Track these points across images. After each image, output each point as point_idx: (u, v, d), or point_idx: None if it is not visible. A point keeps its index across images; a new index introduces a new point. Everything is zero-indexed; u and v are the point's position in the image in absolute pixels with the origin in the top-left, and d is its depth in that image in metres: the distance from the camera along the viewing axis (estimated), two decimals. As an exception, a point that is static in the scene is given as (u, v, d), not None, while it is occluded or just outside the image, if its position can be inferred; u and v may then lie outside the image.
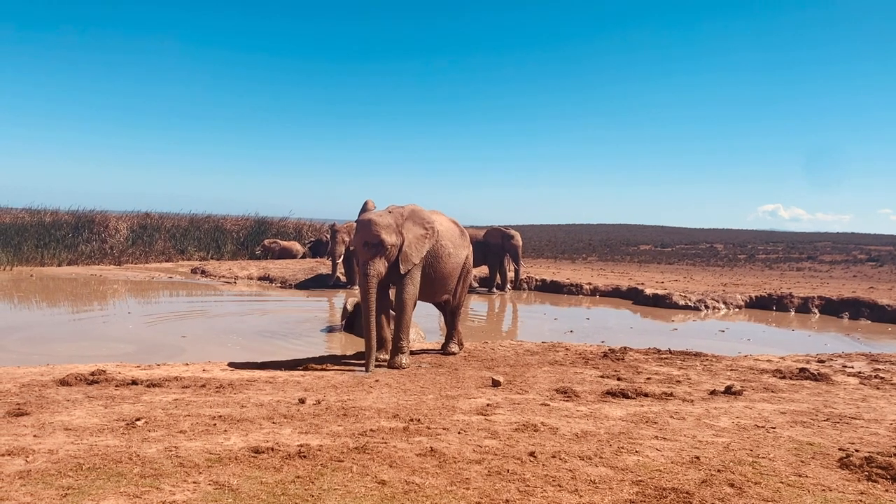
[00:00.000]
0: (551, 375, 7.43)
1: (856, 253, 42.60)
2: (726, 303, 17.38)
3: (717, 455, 4.69)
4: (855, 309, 16.72)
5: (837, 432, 5.51)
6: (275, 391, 6.33)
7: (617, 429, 5.30)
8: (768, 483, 4.16)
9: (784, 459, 4.67)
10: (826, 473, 4.42)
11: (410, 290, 7.80)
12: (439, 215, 8.58)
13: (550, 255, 42.70)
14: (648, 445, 4.88)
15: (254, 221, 28.91)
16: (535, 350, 9.12)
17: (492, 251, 19.00)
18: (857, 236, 53.52)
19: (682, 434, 5.23)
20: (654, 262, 40.37)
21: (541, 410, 5.80)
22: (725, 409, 6.17)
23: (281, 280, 18.72)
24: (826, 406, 6.48)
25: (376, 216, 7.73)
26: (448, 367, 7.79)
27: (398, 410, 5.61)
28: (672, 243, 50.75)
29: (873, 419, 6.04)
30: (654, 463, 4.47)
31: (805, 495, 3.99)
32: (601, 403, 6.17)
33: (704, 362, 8.70)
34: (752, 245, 47.66)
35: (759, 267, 38.67)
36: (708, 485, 4.08)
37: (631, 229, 63.78)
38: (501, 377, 6.93)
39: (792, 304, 17.50)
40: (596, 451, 4.69)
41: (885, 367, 8.87)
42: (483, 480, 4.03)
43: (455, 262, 8.33)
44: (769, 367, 8.42)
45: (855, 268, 39.32)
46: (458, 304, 8.73)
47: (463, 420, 5.39)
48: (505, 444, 4.79)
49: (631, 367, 8.18)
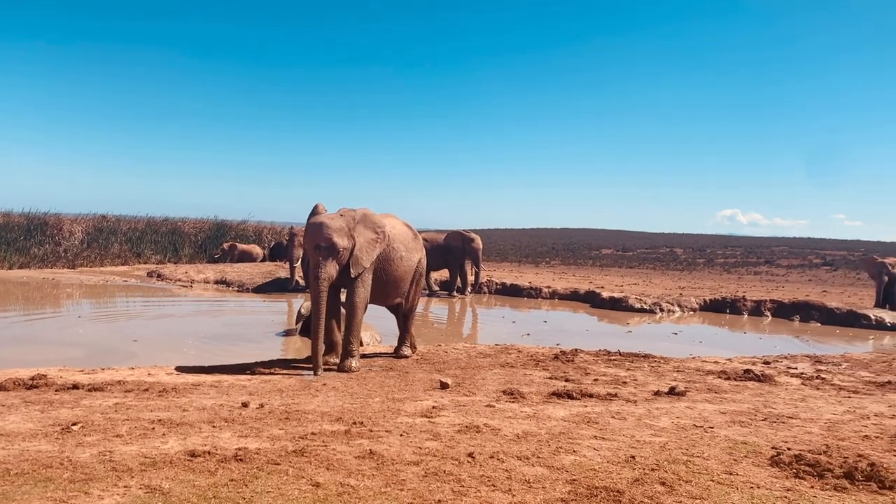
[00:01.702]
0: (501, 377, 7.48)
1: (811, 257, 43.71)
2: (681, 306, 17.67)
3: (652, 454, 4.78)
4: (806, 312, 17.12)
5: (773, 431, 5.65)
6: (219, 395, 6.27)
7: (558, 429, 5.36)
8: (699, 481, 4.25)
9: (718, 458, 4.78)
10: (756, 471, 4.53)
11: (361, 293, 7.79)
12: (392, 218, 8.58)
13: (514, 258, 43.04)
14: (587, 445, 4.95)
15: (213, 224, 28.55)
16: (488, 352, 9.17)
17: (452, 254, 19.06)
18: (813, 241, 54.87)
19: (621, 434, 5.31)
20: (615, 265, 40.89)
21: (485, 412, 5.84)
22: (667, 409, 6.28)
23: (238, 284, 18.53)
24: (766, 406, 6.64)
25: (328, 219, 7.71)
26: (399, 370, 7.80)
27: (342, 414, 5.60)
28: (633, 247, 51.48)
29: (809, 418, 6.20)
30: (591, 462, 4.54)
31: (733, 493, 4.08)
32: (546, 404, 6.24)
33: (652, 364, 8.83)
34: (710, 249, 48.53)
35: (717, 271, 39.44)
36: (640, 483, 4.15)
37: (593, 234, 64.54)
38: (450, 379, 6.96)
39: (745, 307, 17.86)
40: (534, 451, 4.74)
41: (828, 368, 9.11)
42: (419, 481, 4.05)
43: (407, 266, 8.33)
44: (715, 368, 8.59)
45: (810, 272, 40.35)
46: (410, 308, 8.74)
47: (407, 422, 5.40)
48: (446, 445, 4.81)
49: (580, 368, 8.28)
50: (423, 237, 19.31)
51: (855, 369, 9.14)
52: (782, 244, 51.78)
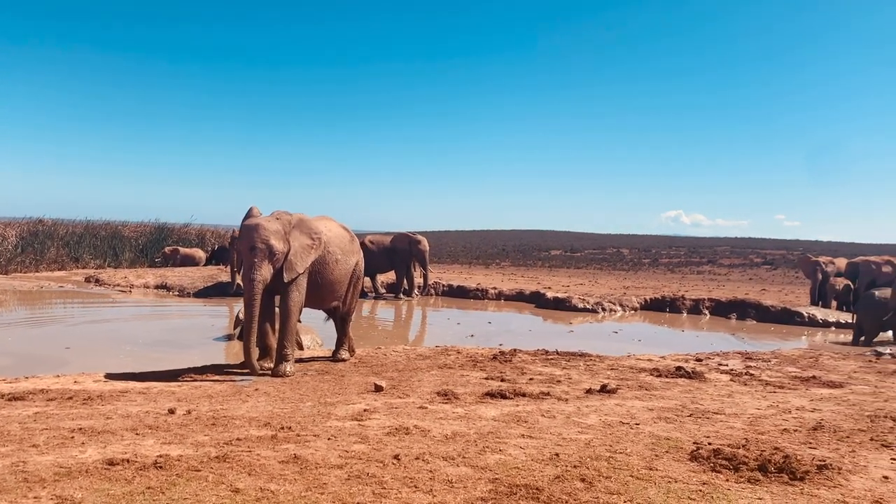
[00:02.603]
0: (437, 379, 7.50)
1: (752, 257, 44.96)
2: (622, 305, 17.99)
3: (577, 451, 4.85)
4: (742, 310, 17.61)
5: (697, 427, 5.80)
6: (146, 402, 6.13)
7: (487, 429, 5.40)
8: (618, 477, 4.34)
9: (640, 454, 4.88)
10: (676, 466, 4.64)
11: (296, 297, 7.72)
12: (328, 221, 8.53)
13: (465, 260, 43.14)
14: (514, 444, 5.00)
15: (154, 228, 27.92)
16: (428, 354, 9.18)
17: (399, 257, 19.03)
18: (754, 241, 56.45)
19: (548, 432, 5.38)
20: (564, 266, 41.36)
21: (417, 413, 5.85)
22: (597, 406, 6.39)
23: (179, 288, 18.16)
24: (693, 402, 6.80)
25: (265, 221, 7.62)
26: (335, 373, 7.75)
27: (271, 419, 5.54)
28: (581, 248, 52.16)
29: (734, 414, 6.38)
30: (515, 461, 4.59)
31: (650, 487, 4.18)
32: (478, 405, 6.28)
33: (588, 362, 8.97)
34: (656, 250, 49.50)
35: (661, 271, 40.24)
36: (560, 480, 4.21)
37: (543, 235, 65.19)
38: (384, 382, 6.95)
39: (684, 305, 18.28)
40: (461, 451, 4.76)
41: (757, 365, 9.39)
42: (340, 485, 4.04)
43: (344, 269, 8.29)
44: (648, 366, 8.77)
45: (751, 271, 41.53)
46: (348, 311, 8.70)
47: (336, 426, 5.37)
48: (373, 448, 4.80)
49: (517, 368, 8.35)
50: (369, 239, 19.29)
51: (783, 365, 9.44)
52: (724, 244, 53.13)
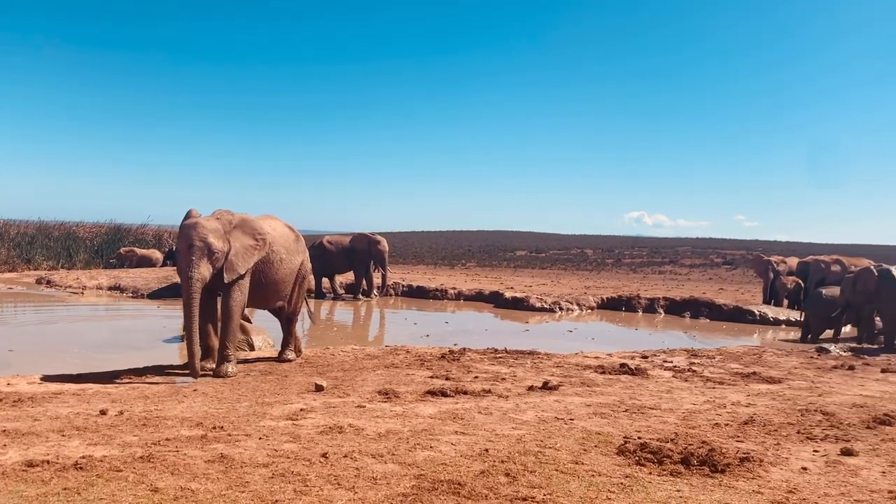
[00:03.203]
0: (382, 378, 7.50)
1: (713, 257, 45.72)
2: (579, 304, 18.17)
3: (507, 447, 4.90)
4: (695, 308, 17.90)
5: (630, 422, 5.88)
6: (79, 403, 6.03)
7: (422, 426, 5.42)
8: (543, 471, 4.39)
9: (569, 448, 4.94)
10: (602, 460, 4.70)
11: (238, 297, 7.65)
12: (273, 220, 8.48)
13: (431, 261, 43.17)
14: (446, 441, 5.02)
15: (110, 228, 27.43)
16: (376, 354, 9.17)
17: (358, 257, 18.96)
18: (715, 241, 57.31)
19: (483, 428, 5.42)
20: (528, 266, 41.63)
21: (354, 413, 5.84)
22: (536, 403, 6.45)
23: (133, 289, 17.88)
24: (631, 398, 6.90)
25: (203, 220, 7.55)
26: (278, 374, 7.70)
27: (204, 419, 5.49)
28: (546, 249, 52.51)
29: (669, 409, 6.49)
30: (444, 457, 4.61)
31: (573, 481, 4.23)
32: (417, 403, 6.29)
33: (535, 360, 9.05)
34: (619, 250, 50.04)
35: (624, 271, 40.72)
36: (485, 475, 4.25)
37: (509, 236, 65.48)
38: (326, 382, 6.93)
39: (640, 304, 18.52)
40: (392, 449, 4.77)
41: (700, 361, 9.55)
42: (263, 483, 4.02)
43: (288, 268, 8.25)
44: (594, 363, 8.87)
45: (711, 271, 42.20)
46: (293, 311, 8.65)
47: (269, 426, 5.35)
48: (303, 447, 4.79)
49: (464, 366, 8.39)
50: (328, 240, 19.21)
51: (726, 362, 9.62)
52: (686, 244, 53.91)
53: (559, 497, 3.91)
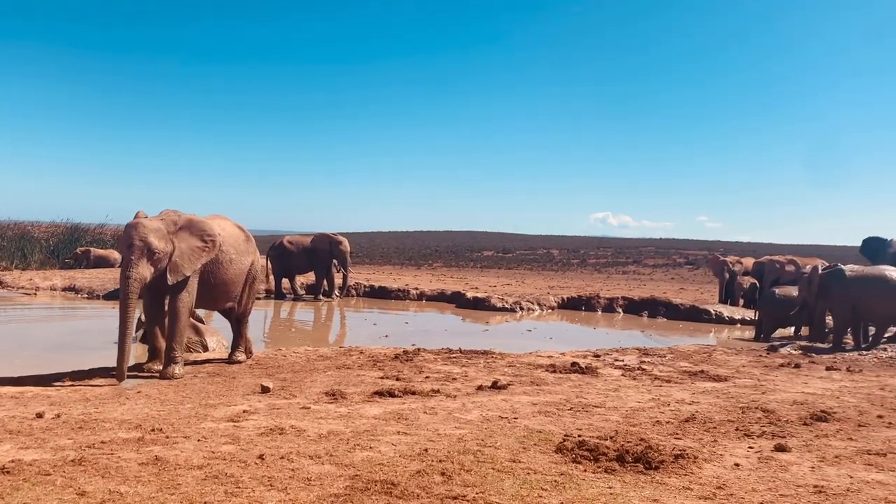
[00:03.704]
0: (331, 379, 7.47)
1: (675, 257, 46.34)
2: (540, 304, 18.29)
3: (447, 446, 4.92)
4: (653, 308, 18.14)
5: (573, 420, 5.95)
6: (15, 406, 5.91)
7: (364, 427, 5.42)
8: (480, 470, 4.41)
9: (508, 447, 4.98)
10: (540, 458, 4.75)
11: (185, 298, 7.56)
12: (223, 220, 8.40)
13: (398, 261, 43.08)
14: (387, 441, 5.03)
15: (66, 228, 26.88)
16: (329, 355, 9.13)
17: (319, 257, 18.85)
18: (678, 242, 58.13)
19: (425, 428, 5.43)
20: (495, 267, 41.78)
21: (298, 414, 5.81)
22: (483, 402, 6.48)
23: (88, 290, 17.56)
24: (578, 397, 6.97)
25: (145, 220, 7.44)
26: (226, 375, 7.63)
27: (144, 421, 5.43)
28: (513, 249, 52.73)
29: (614, 407, 6.57)
30: (382, 458, 4.61)
31: (508, 479, 4.27)
32: (364, 404, 6.29)
33: (488, 360, 9.09)
34: (584, 250, 50.47)
35: (589, 271, 41.09)
36: (421, 474, 4.26)
37: (476, 236, 65.66)
38: (272, 383, 6.89)
39: (599, 304, 18.71)
40: (330, 449, 4.76)
41: (651, 360, 9.68)
42: (195, 485, 3.99)
43: (238, 269, 8.17)
44: (546, 362, 8.94)
45: (674, 271, 42.78)
46: (244, 312, 8.56)
47: (210, 427, 5.30)
48: (241, 448, 4.76)
49: (416, 367, 8.40)
50: (288, 240, 19.08)
51: (676, 360, 9.76)
52: (649, 245, 54.59)
53: (491, 495, 3.95)
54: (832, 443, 5.47)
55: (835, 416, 6.37)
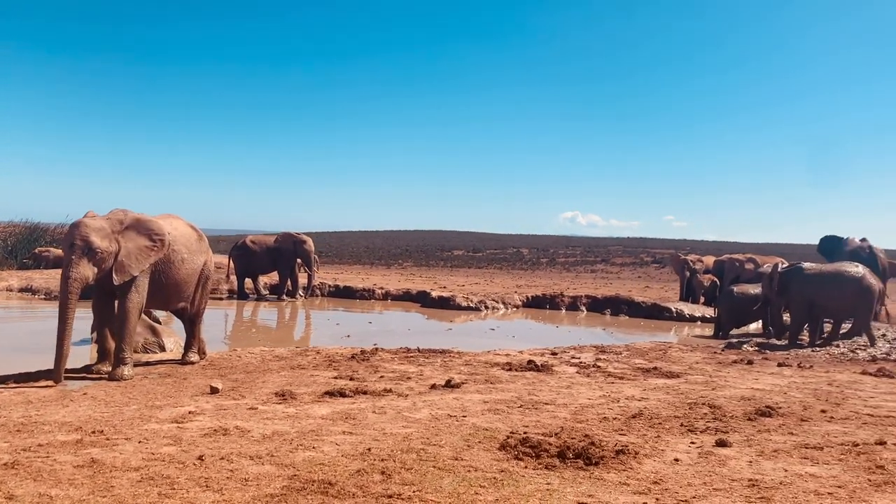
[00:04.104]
0: (284, 380, 7.43)
1: (643, 256, 46.80)
2: (505, 303, 18.37)
3: (391, 446, 4.92)
4: (616, 306, 18.31)
5: (522, 417, 5.98)
6: (-46, 410, 5.79)
7: (310, 427, 5.40)
8: (421, 468, 4.42)
9: (453, 445, 4.99)
10: (483, 455, 4.77)
11: (135, 298, 7.45)
12: (175, 219, 8.30)
13: (367, 261, 42.94)
14: (331, 441, 5.01)
15: (25, 228, 26.31)
16: (285, 356, 9.07)
17: (283, 257, 18.70)
18: (645, 241, 58.75)
19: (372, 428, 5.43)
20: (465, 266, 41.86)
21: (245, 415, 5.77)
22: (434, 401, 6.49)
23: (46, 291, 17.21)
24: (530, 394, 7.02)
25: (88, 219, 7.33)
26: (177, 376, 7.54)
27: (85, 423, 5.35)
28: (483, 248, 52.89)
29: (563, 404, 6.63)
30: (324, 457, 4.60)
31: (447, 477, 4.28)
32: (313, 404, 6.26)
33: (445, 359, 9.11)
34: (553, 249, 50.78)
35: (558, 270, 41.34)
36: (360, 474, 4.26)
37: (446, 235, 65.70)
38: (222, 384, 6.83)
39: (563, 302, 18.84)
40: (273, 450, 4.74)
41: (606, 357, 9.78)
42: (129, 487, 3.94)
43: (190, 268, 8.08)
44: (503, 360, 8.98)
45: (641, 269, 43.22)
46: (197, 312, 8.46)
47: (153, 429, 5.24)
48: (182, 449, 4.71)
49: (373, 366, 8.38)
50: (251, 239, 18.92)
51: (632, 357, 9.88)
52: (617, 244, 55.11)
53: (428, 494, 3.96)
54: (773, 437, 5.57)
55: (779, 411, 6.49)
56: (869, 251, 17.51)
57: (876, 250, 17.81)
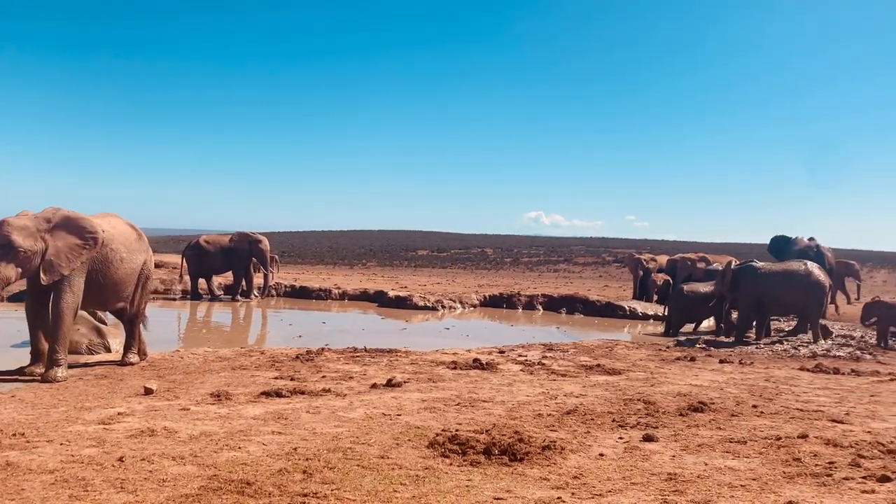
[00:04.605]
0: (223, 380, 7.36)
1: (605, 255, 47.27)
2: (462, 302, 18.42)
3: (319, 445, 4.90)
4: (571, 305, 18.49)
5: (456, 415, 6.01)
6: None
7: (240, 427, 5.36)
8: (345, 467, 4.42)
9: (382, 444, 5.00)
10: (410, 453, 4.79)
11: (68, 298, 7.31)
12: (113, 218, 8.17)
13: (331, 261, 42.66)
14: (259, 441, 4.98)
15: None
16: (228, 356, 8.99)
17: (238, 257, 18.49)
18: (607, 240, 59.29)
19: (303, 428, 5.41)
20: (429, 266, 41.84)
21: (175, 415, 5.71)
22: (371, 400, 6.49)
23: (-9, 293, 16.84)
24: (470, 392, 7.05)
25: (12, 217, 7.16)
26: (114, 378, 7.43)
27: (7, 426, 5.24)
28: (448, 248, 52.89)
29: (502, 401, 6.68)
30: (248, 457, 4.57)
31: (370, 475, 4.29)
32: (247, 404, 6.22)
33: (392, 358, 9.11)
34: (517, 249, 51.03)
35: (521, 269, 41.61)
36: (281, 473, 4.24)
37: (411, 235, 65.59)
38: (157, 385, 6.75)
39: (520, 301, 18.96)
40: (198, 450, 4.69)
41: (553, 355, 9.88)
42: (41, 490, 3.87)
43: (129, 268, 7.95)
44: (449, 359, 9.00)
45: (602, 269, 43.67)
46: (136, 312, 8.34)
47: (77, 431, 5.15)
48: (103, 451, 4.64)
49: (316, 366, 8.35)
50: (205, 239, 18.68)
51: (578, 355, 9.98)
52: (580, 243, 55.59)
53: (346, 492, 3.96)
54: (700, 432, 5.68)
55: (712, 406, 6.62)
56: (816, 250, 17.93)
57: (823, 249, 18.25)
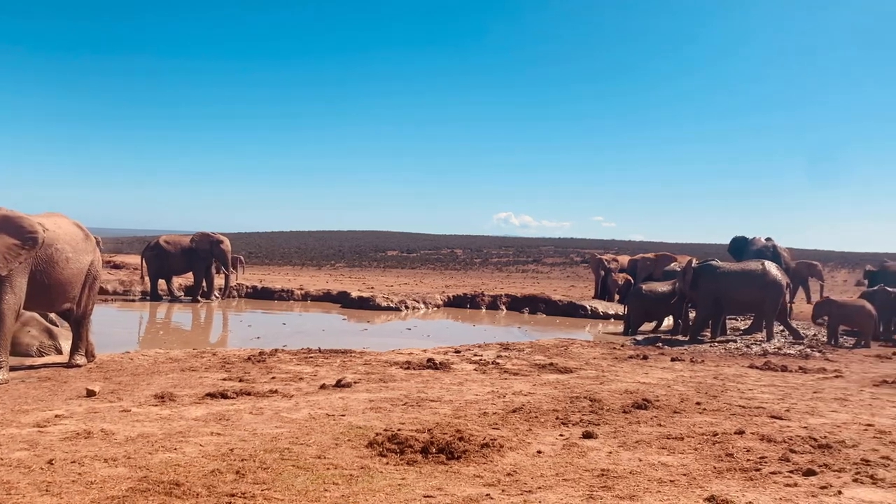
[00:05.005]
0: (170, 382, 7.29)
1: (573, 256, 47.66)
2: (426, 302, 18.44)
3: (256, 446, 4.88)
4: (534, 304, 18.62)
5: (402, 414, 6.03)
6: None
7: (179, 429, 5.31)
8: (279, 467, 4.41)
9: (321, 444, 4.99)
10: (348, 453, 4.79)
11: (9, 299, 7.18)
12: (58, 217, 8.04)
13: (298, 262, 42.40)
14: (196, 442, 4.95)
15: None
16: (179, 358, 8.90)
17: (199, 257, 18.31)
18: (575, 241, 59.74)
19: (243, 428, 5.38)
20: (398, 266, 41.83)
21: (115, 417, 5.64)
22: (317, 401, 6.48)
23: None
24: (419, 392, 7.07)
25: None
26: (58, 380, 7.31)
27: (-63, 430, 5.14)
28: (417, 249, 52.88)
29: (449, 400, 6.70)
30: (183, 459, 4.54)
31: (303, 475, 4.28)
32: (191, 406, 6.16)
33: (345, 359, 9.09)
34: (487, 250, 51.20)
35: (490, 270, 41.78)
36: (213, 474, 4.22)
37: (380, 236, 65.46)
38: (99, 387, 6.66)
39: (483, 301, 19.05)
40: (132, 452, 4.65)
41: (508, 354, 9.94)
42: (-38, 494, 3.81)
43: (76, 268, 7.83)
44: (403, 359, 9.01)
45: (570, 269, 44.05)
46: (83, 313, 8.20)
47: (10, 434, 5.07)
48: (34, 454, 4.58)
49: (267, 367, 8.30)
50: (165, 239, 18.47)
51: (533, 354, 10.06)
52: (549, 244, 55.90)
53: (276, 492, 3.95)
54: (640, 429, 5.76)
55: (656, 403, 6.71)
56: (773, 250, 18.28)
57: (779, 249, 18.62)
